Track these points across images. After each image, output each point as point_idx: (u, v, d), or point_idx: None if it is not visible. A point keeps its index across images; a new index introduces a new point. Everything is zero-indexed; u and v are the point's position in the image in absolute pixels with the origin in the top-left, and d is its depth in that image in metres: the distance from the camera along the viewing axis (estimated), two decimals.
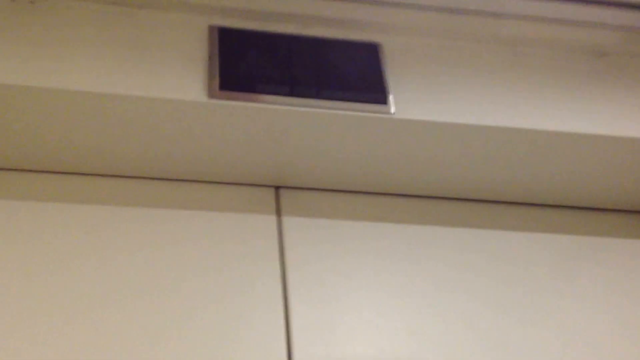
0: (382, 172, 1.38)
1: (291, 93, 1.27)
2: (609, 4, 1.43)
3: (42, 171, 1.30)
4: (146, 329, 1.16)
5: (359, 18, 1.37)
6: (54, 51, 1.22)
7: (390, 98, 1.30)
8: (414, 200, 1.43)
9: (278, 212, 1.35)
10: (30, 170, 1.30)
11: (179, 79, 1.24)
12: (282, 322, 1.21)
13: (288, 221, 1.34)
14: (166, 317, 1.18)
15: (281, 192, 1.38)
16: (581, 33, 1.44)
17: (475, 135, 1.33)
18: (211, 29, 1.32)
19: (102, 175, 1.32)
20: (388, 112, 1.28)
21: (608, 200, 1.48)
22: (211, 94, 1.23)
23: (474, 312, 1.30)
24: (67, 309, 1.15)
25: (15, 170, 1.30)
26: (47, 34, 1.24)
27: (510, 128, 1.33)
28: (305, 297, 1.25)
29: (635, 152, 1.38)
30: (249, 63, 1.29)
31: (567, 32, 1.44)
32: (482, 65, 1.39)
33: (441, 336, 1.26)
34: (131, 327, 1.15)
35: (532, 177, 1.42)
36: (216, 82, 1.25)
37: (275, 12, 1.35)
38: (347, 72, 1.31)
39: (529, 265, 1.39)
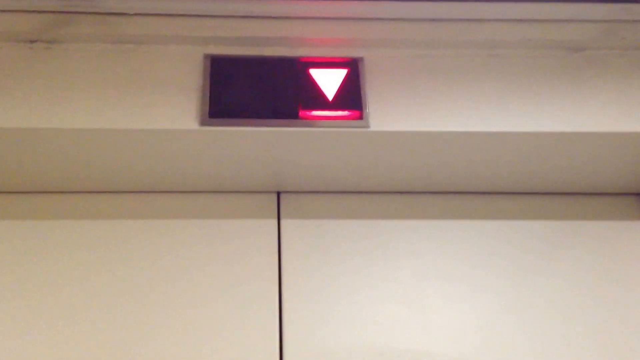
0: (370, 174, 1.50)
1: (274, 115, 1.40)
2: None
3: (60, 192, 1.51)
4: (155, 323, 1.38)
5: (340, 35, 1.48)
6: (69, 94, 1.40)
7: (367, 112, 1.41)
8: (403, 196, 1.55)
9: (278, 216, 1.51)
10: (49, 192, 1.51)
11: (175, 108, 1.40)
12: (276, 314, 1.40)
13: (286, 223, 1.50)
14: (173, 313, 1.39)
15: (282, 197, 1.53)
16: (557, 30, 1.48)
17: (451, 141, 1.43)
18: (205, 57, 1.46)
19: (115, 192, 1.51)
20: (365, 126, 1.40)
21: (592, 184, 1.56)
22: (202, 122, 1.39)
23: (473, 305, 1.44)
24: (85, 310, 1.39)
25: (38, 192, 1.51)
26: (60, 77, 1.41)
27: (486, 132, 1.41)
28: (298, 289, 1.43)
29: (614, 145, 1.45)
30: (237, 89, 1.43)
31: (543, 30, 1.48)
32: (460, 71, 1.47)
33: (432, 326, 1.41)
34: (142, 324, 1.38)
35: (514, 172, 1.51)
36: (206, 110, 1.40)
37: (264, 36, 1.47)
38: (327, 88, 1.43)
39: (516, 252, 1.50)
